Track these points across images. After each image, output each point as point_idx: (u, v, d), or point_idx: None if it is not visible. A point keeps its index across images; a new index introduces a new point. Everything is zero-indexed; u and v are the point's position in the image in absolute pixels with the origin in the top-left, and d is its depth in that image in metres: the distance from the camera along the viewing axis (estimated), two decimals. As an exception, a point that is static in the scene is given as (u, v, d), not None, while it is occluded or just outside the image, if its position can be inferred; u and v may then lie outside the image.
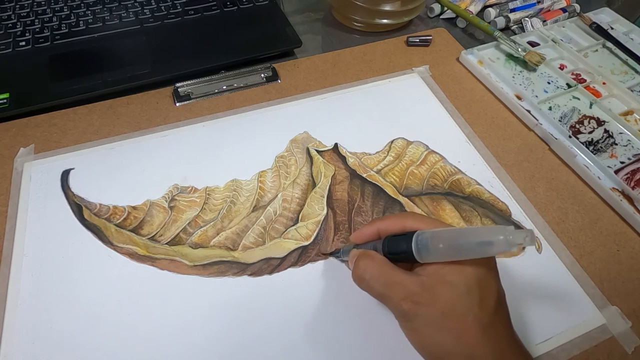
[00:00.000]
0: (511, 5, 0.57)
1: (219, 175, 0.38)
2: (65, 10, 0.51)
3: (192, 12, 0.52)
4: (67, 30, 0.49)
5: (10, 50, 0.47)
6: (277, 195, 0.37)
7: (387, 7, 0.52)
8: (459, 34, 0.56)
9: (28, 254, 0.32)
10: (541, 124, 0.43)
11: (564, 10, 0.58)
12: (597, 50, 0.53)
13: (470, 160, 0.40)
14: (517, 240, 0.21)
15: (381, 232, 0.28)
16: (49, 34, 0.49)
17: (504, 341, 0.24)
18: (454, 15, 0.57)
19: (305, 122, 0.42)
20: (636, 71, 0.50)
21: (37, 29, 0.49)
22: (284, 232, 0.35)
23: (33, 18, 0.50)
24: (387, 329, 0.30)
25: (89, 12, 0.51)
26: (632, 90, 0.47)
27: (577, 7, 0.58)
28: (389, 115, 0.44)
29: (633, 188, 0.38)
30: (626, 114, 0.46)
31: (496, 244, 0.21)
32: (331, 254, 0.33)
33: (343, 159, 0.40)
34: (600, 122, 0.44)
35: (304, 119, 0.43)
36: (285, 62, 0.49)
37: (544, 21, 0.57)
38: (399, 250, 0.25)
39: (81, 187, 0.36)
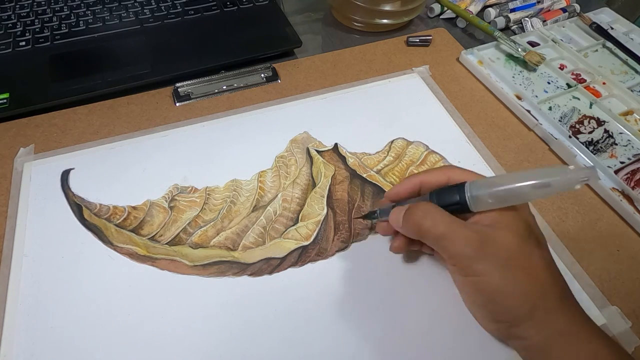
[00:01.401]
0: (511, 5, 0.57)
1: (219, 175, 0.38)
2: (65, 10, 0.51)
3: (192, 12, 0.52)
4: (67, 30, 0.49)
5: (10, 50, 0.47)
6: (277, 195, 0.37)
7: (387, 7, 0.52)
8: (459, 34, 0.56)
9: (28, 254, 0.32)
10: (541, 124, 0.43)
11: (564, 10, 0.58)
12: (597, 50, 0.53)
13: (470, 160, 0.40)
14: (579, 179, 0.21)
15: (424, 186, 0.27)
16: (49, 34, 0.49)
17: (565, 285, 0.24)
18: (454, 15, 0.57)
19: (305, 122, 0.42)
20: (636, 71, 0.50)
21: (37, 29, 0.49)
22: (284, 232, 0.35)
23: (33, 18, 0.50)
24: (387, 328, 0.30)
25: (89, 12, 0.51)
26: (632, 90, 0.47)
27: (577, 7, 0.58)
28: (389, 115, 0.44)
29: (633, 188, 0.38)
30: (626, 114, 0.46)
31: (554, 185, 0.21)
32: (365, 217, 0.33)
33: (343, 159, 0.40)
34: (600, 122, 0.44)
35: (304, 119, 0.43)
36: (285, 62, 0.49)
37: (544, 21, 0.57)
38: (451, 202, 0.25)
39: (81, 187, 0.36)
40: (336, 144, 0.41)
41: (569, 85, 0.48)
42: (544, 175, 0.22)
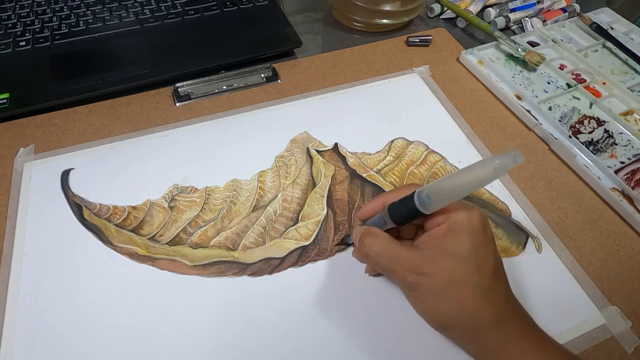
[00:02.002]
0: (511, 5, 0.57)
1: (219, 175, 0.38)
2: (65, 10, 0.51)
3: (192, 12, 0.52)
4: (67, 30, 0.49)
5: (10, 50, 0.47)
6: (277, 195, 0.37)
7: (387, 7, 0.52)
8: (459, 34, 0.56)
9: (28, 254, 0.32)
10: (541, 124, 0.43)
11: (564, 10, 0.58)
12: (597, 50, 0.53)
13: (470, 160, 0.40)
14: (506, 165, 0.22)
15: (386, 204, 0.29)
16: (49, 34, 0.49)
17: (504, 304, 0.25)
18: (454, 15, 0.57)
19: (305, 122, 0.42)
20: (636, 71, 0.50)
21: (37, 29, 0.49)
22: (284, 232, 0.35)
23: (33, 18, 0.50)
24: (387, 328, 0.30)
25: (89, 12, 0.51)
26: (632, 90, 0.47)
27: (577, 7, 0.58)
28: (389, 115, 0.44)
29: (633, 188, 0.38)
30: (626, 114, 0.46)
31: (489, 178, 0.23)
32: (341, 242, 0.34)
33: (343, 158, 0.40)
34: (600, 122, 0.44)
35: (304, 119, 0.43)
36: (285, 62, 0.49)
37: (544, 21, 0.57)
38: (404, 209, 0.27)
39: (81, 187, 0.36)
40: (336, 144, 0.41)
41: (569, 85, 0.48)
42: (478, 169, 0.23)
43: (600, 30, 0.54)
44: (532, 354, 0.24)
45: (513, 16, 0.56)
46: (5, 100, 0.42)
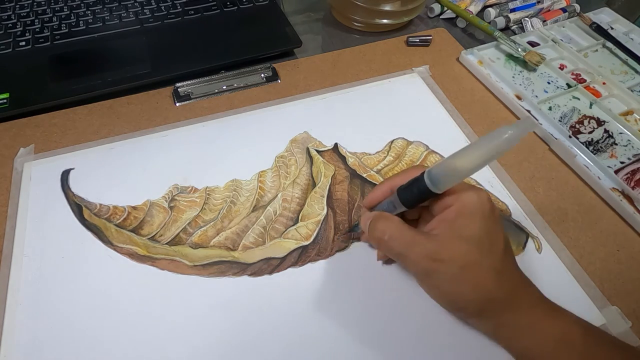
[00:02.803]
0: (511, 5, 0.57)
1: (219, 175, 0.38)
2: (65, 10, 0.51)
3: (192, 12, 0.52)
4: (67, 30, 0.49)
5: (10, 50, 0.47)
6: (277, 195, 0.37)
7: (387, 7, 0.52)
8: (459, 34, 0.56)
9: (28, 254, 0.32)
10: (541, 124, 0.43)
11: (564, 10, 0.58)
12: (597, 50, 0.53)
13: (470, 160, 0.40)
14: (518, 134, 0.22)
15: (393, 188, 0.29)
16: (49, 34, 0.49)
17: (514, 280, 0.26)
18: (454, 15, 0.57)
19: (305, 122, 0.42)
20: (636, 71, 0.50)
21: (37, 29, 0.49)
22: (284, 232, 0.35)
23: (33, 18, 0.50)
24: (388, 328, 0.30)
25: (89, 12, 0.51)
26: (632, 90, 0.47)
27: (577, 7, 0.58)
28: (389, 115, 0.44)
29: (633, 188, 0.38)
30: (626, 114, 0.46)
31: (503, 149, 0.23)
32: (349, 231, 0.34)
33: (343, 159, 0.40)
34: (600, 122, 0.44)
35: (304, 119, 0.43)
36: (285, 62, 0.49)
37: (544, 21, 0.57)
38: (415, 191, 0.26)
39: (81, 187, 0.36)
40: (336, 144, 0.41)
41: (569, 85, 0.48)
42: (490, 142, 0.23)
43: (600, 30, 0.54)
44: (542, 323, 0.25)
45: (513, 16, 0.56)
46: (5, 100, 0.42)
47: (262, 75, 0.47)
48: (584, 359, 0.24)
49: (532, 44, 0.53)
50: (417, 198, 0.27)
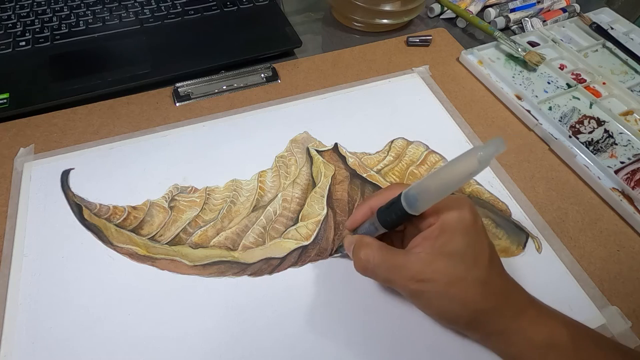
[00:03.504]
0: (511, 5, 0.57)
1: (219, 175, 0.38)
2: (65, 10, 0.51)
3: (192, 12, 0.52)
4: (67, 30, 0.49)
5: (10, 50, 0.47)
6: (277, 195, 0.37)
7: (387, 7, 0.52)
8: (459, 34, 0.56)
9: (28, 254, 0.32)
10: (541, 124, 0.43)
11: (564, 10, 0.58)
12: (597, 50, 0.53)
13: (470, 160, 0.40)
14: (489, 155, 0.22)
15: (373, 209, 0.29)
16: (49, 34, 0.49)
17: (501, 289, 0.26)
18: (454, 15, 0.57)
19: (305, 122, 0.42)
20: (636, 71, 0.50)
21: (37, 29, 0.49)
22: (284, 232, 0.35)
23: (33, 18, 0.50)
24: (387, 328, 0.30)
25: (89, 12, 0.51)
26: (632, 90, 0.47)
27: (577, 7, 0.58)
28: (389, 115, 0.44)
29: (633, 188, 0.38)
30: (626, 114, 0.46)
31: (475, 171, 0.23)
32: (337, 250, 0.34)
33: (343, 158, 0.40)
34: (600, 122, 0.44)
35: (304, 119, 0.43)
36: (285, 62, 0.49)
37: (544, 21, 0.57)
38: (393, 215, 0.26)
39: (81, 187, 0.36)
40: (336, 144, 0.41)
41: (569, 85, 0.48)
42: (462, 164, 0.23)
43: (600, 30, 0.54)
44: (530, 329, 0.25)
45: (513, 16, 0.56)
46: (5, 100, 0.42)
47: (262, 75, 0.47)
48: None
49: (532, 44, 0.53)
50: (396, 221, 0.27)
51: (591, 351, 0.25)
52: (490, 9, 0.56)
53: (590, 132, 0.43)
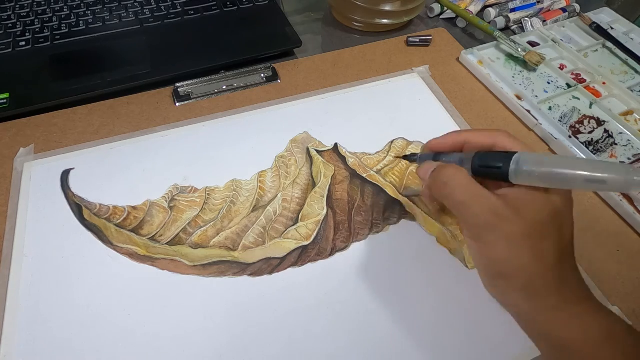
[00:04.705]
0: (511, 5, 0.57)
1: (219, 175, 0.38)
2: (65, 10, 0.51)
3: (192, 12, 0.52)
4: (67, 30, 0.49)
5: (10, 50, 0.47)
6: (277, 195, 0.37)
7: (387, 7, 0.52)
8: (459, 34, 0.56)
9: (28, 254, 0.32)
10: (541, 124, 0.43)
11: (564, 10, 0.58)
12: (597, 50, 0.53)
13: (470, 160, 0.40)
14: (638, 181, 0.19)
15: (467, 145, 0.27)
16: (49, 34, 0.49)
17: (572, 269, 0.24)
18: (454, 15, 0.57)
19: (305, 122, 0.42)
20: (636, 71, 0.50)
21: (37, 29, 0.49)
22: (284, 232, 0.35)
23: (33, 18, 0.50)
24: (388, 328, 0.30)
25: (89, 12, 0.51)
26: (632, 90, 0.47)
27: (577, 7, 0.58)
28: (389, 115, 0.44)
29: (633, 188, 0.38)
30: (626, 114, 0.46)
31: (610, 183, 0.20)
32: (405, 157, 0.32)
33: (343, 159, 0.40)
34: (600, 122, 0.44)
35: (304, 119, 0.43)
36: (285, 62, 0.49)
37: (544, 21, 0.57)
38: (493, 166, 0.24)
39: (81, 187, 0.36)
40: (336, 144, 0.41)
41: (569, 85, 0.48)
42: (601, 169, 0.21)
43: (600, 30, 0.54)
44: (592, 316, 0.24)
45: (513, 16, 0.56)
46: (5, 100, 0.42)
47: (262, 75, 0.47)
48: (628, 357, 0.23)
49: (532, 44, 0.53)
50: (491, 174, 0.25)
51: None
52: (490, 9, 0.56)
53: (590, 132, 0.43)
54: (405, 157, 0.33)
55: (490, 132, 0.27)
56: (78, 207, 0.35)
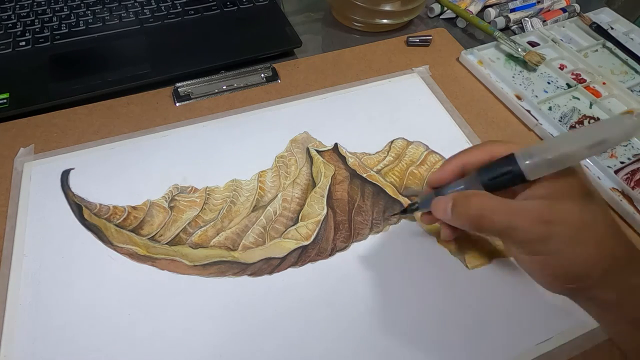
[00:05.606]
0: (511, 5, 0.57)
1: (219, 175, 0.38)
2: (65, 10, 0.51)
3: (192, 12, 0.52)
4: (67, 30, 0.49)
5: (10, 50, 0.47)
6: (277, 195, 0.37)
7: (387, 7, 0.52)
8: (459, 34, 0.56)
9: (28, 254, 0.32)
10: (541, 124, 0.43)
11: (564, 10, 0.58)
12: (597, 50, 0.53)
13: (470, 160, 0.40)
14: (637, 124, 0.20)
15: (467, 166, 0.27)
16: (49, 34, 0.49)
17: (630, 241, 0.24)
18: (454, 15, 0.57)
19: (305, 122, 0.42)
20: (636, 71, 0.50)
21: (37, 29, 0.49)
22: (284, 232, 0.35)
23: (33, 18, 0.50)
24: (388, 328, 0.30)
25: (89, 12, 0.51)
26: (632, 90, 0.47)
27: (577, 7, 0.58)
28: (389, 115, 0.44)
29: (633, 188, 0.38)
30: (626, 114, 0.46)
31: (610, 140, 0.21)
32: (403, 212, 0.31)
33: (343, 159, 0.40)
34: (600, 122, 0.44)
35: (304, 119, 0.43)
36: (285, 62, 0.49)
37: (544, 21, 0.57)
38: (504, 173, 0.24)
39: (81, 187, 0.36)
40: (336, 144, 0.41)
41: (569, 85, 0.48)
42: (598, 132, 0.21)
43: (600, 30, 0.54)
44: None
45: (513, 16, 0.56)
46: (5, 100, 0.42)
47: (262, 75, 0.47)
48: None
49: (532, 44, 0.53)
50: (506, 184, 0.24)
51: None
52: (490, 9, 0.56)
53: (590, 132, 0.43)
54: (403, 212, 0.31)
55: (482, 147, 0.27)
56: (78, 207, 0.35)
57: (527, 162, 0.23)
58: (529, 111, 0.44)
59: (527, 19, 0.56)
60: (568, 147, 0.22)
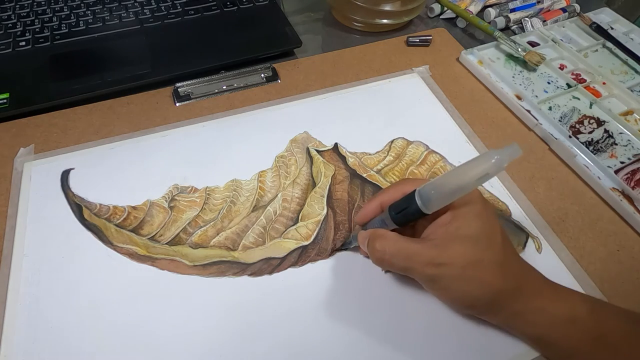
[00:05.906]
0: (511, 5, 0.57)
1: (219, 175, 0.38)
2: (65, 10, 0.51)
3: (192, 12, 0.52)
4: (67, 30, 0.49)
5: (10, 50, 0.47)
6: (277, 195, 0.37)
7: (387, 7, 0.52)
8: (459, 34, 0.56)
9: (28, 254, 0.32)
10: (541, 124, 0.43)
11: (564, 10, 0.58)
12: (597, 50, 0.53)
13: (470, 160, 0.40)
14: (506, 159, 0.24)
15: (384, 205, 0.29)
16: (49, 34, 0.49)
17: (518, 269, 0.27)
18: (454, 15, 0.57)
19: (305, 122, 0.42)
20: (636, 71, 0.50)
21: (37, 29, 0.49)
22: (284, 232, 0.35)
23: (33, 18, 0.50)
24: (388, 328, 0.30)
25: (89, 12, 0.51)
26: (632, 90, 0.47)
27: (577, 7, 0.58)
28: (389, 115, 0.44)
29: (633, 188, 0.38)
30: (626, 114, 0.46)
31: (491, 172, 0.24)
32: (342, 247, 0.34)
33: (343, 158, 0.40)
34: (600, 122, 0.44)
35: (304, 119, 0.43)
36: (285, 62, 0.49)
37: (544, 21, 0.57)
38: (404, 208, 0.27)
39: (81, 187, 0.36)
40: (336, 144, 0.41)
41: (569, 85, 0.48)
42: (479, 166, 0.24)
43: (600, 30, 0.54)
44: (550, 306, 0.26)
45: (513, 16, 0.56)
46: (5, 100, 0.42)
47: (262, 75, 0.47)
48: (593, 333, 0.25)
49: (532, 44, 0.53)
50: (409, 218, 0.27)
51: (612, 323, 0.26)
52: (490, 9, 0.56)
53: (590, 132, 0.43)
54: (342, 246, 0.34)
55: (396, 185, 0.30)
56: (78, 207, 0.35)
57: (423, 198, 0.26)
58: (529, 111, 0.44)
59: (527, 19, 0.56)
60: (459, 181, 0.25)
